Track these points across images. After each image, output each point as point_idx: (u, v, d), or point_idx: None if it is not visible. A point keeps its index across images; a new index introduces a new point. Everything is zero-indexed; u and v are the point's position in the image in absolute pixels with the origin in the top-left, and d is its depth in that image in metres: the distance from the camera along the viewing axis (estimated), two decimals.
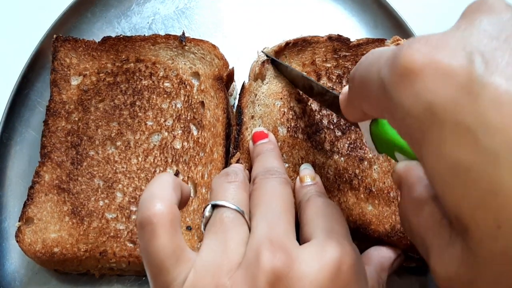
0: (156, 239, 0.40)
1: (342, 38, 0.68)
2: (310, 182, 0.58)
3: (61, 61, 0.68)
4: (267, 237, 0.42)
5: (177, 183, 0.45)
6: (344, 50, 0.68)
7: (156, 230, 0.40)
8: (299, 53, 0.68)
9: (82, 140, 0.65)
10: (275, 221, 0.44)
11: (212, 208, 0.46)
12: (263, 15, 0.78)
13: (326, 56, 0.68)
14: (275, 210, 0.46)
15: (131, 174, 0.64)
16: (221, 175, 0.51)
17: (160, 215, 0.40)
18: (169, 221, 0.40)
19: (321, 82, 0.67)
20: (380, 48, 0.38)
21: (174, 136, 0.66)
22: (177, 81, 0.68)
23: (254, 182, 0.51)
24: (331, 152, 0.64)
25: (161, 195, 0.42)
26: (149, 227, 0.40)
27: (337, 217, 0.49)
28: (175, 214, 0.41)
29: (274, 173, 0.51)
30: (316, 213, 0.49)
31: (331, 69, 0.67)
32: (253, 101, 0.67)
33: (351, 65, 0.67)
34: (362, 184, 0.63)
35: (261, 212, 0.46)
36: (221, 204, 0.46)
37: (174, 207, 0.42)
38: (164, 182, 0.43)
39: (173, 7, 0.79)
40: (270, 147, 0.60)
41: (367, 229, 0.61)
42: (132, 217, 0.62)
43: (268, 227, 0.43)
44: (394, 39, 0.68)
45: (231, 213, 0.45)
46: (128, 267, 0.62)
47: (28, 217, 0.62)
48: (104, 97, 0.67)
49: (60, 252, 0.60)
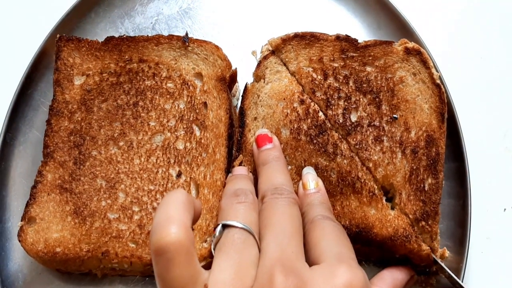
0: (174, 269, 0.40)
1: (350, 39, 0.68)
2: (313, 190, 0.59)
3: (64, 60, 0.68)
4: (278, 260, 0.43)
5: (190, 201, 0.44)
6: (352, 51, 0.68)
7: (174, 260, 0.40)
8: (306, 47, 0.68)
9: (85, 140, 0.65)
10: (285, 243, 0.45)
11: (222, 228, 0.47)
12: (267, 15, 0.78)
13: (334, 56, 0.68)
14: (285, 232, 0.46)
15: (134, 174, 0.64)
16: (230, 195, 0.52)
17: (177, 244, 0.40)
18: (186, 248, 0.41)
19: (327, 81, 0.67)
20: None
21: (177, 137, 0.66)
22: (180, 82, 0.68)
23: (263, 201, 0.51)
24: (334, 154, 0.64)
25: (176, 217, 0.41)
26: (166, 255, 0.40)
27: (344, 240, 0.50)
28: (191, 239, 0.41)
29: (283, 192, 0.52)
30: (322, 235, 0.49)
31: (338, 69, 0.67)
32: (256, 102, 0.67)
33: (358, 66, 0.67)
34: (365, 188, 0.63)
35: (272, 234, 0.46)
36: (232, 224, 0.46)
37: (189, 232, 0.42)
38: (178, 201, 0.43)
39: (177, 7, 0.79)
40: (276, 154, 0.60)
41: (370, 233, 0.61)
42: (134, 218, 0.62)
43: (279, 249, 0.44)
44: (402, 42, 0.68)
45: (242, 234, 0.46)
46: (130, 268, 0.62)
47: (30, 216, 0.62)
48: (107, 97, 0.67)
49: (62, 252, 0.60)
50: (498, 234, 0.70)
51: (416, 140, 0.64)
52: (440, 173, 0.63)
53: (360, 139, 0.64)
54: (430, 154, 0.64)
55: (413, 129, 0.65)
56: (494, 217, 0.71)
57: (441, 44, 0.77)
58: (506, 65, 0.79)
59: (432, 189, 0.63)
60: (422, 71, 0.67)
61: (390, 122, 0.65)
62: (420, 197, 0.62)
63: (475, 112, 0.75)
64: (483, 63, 0.79)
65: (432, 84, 0.66)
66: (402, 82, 0.66)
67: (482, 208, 0.71)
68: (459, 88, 0.73)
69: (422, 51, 0.67)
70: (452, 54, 0.78)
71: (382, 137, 0.64)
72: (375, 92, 0.66)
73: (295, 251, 0.45)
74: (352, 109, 0.65)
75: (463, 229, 0.65)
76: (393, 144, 0.64)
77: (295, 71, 0.68)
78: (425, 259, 0.62)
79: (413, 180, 0.63)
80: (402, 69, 0.67)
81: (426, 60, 0.67)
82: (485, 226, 0.70)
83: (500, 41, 0.80)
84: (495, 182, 0.73)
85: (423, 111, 0.65)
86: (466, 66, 0.78)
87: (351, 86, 0.66)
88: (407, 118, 0.65)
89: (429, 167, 0.63)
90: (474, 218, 0.66)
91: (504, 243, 0.70)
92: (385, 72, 0.67)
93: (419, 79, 0.67)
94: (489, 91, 0.77)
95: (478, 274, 0.68)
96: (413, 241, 0.61)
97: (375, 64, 0.67)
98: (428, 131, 0.64)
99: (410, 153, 0.64)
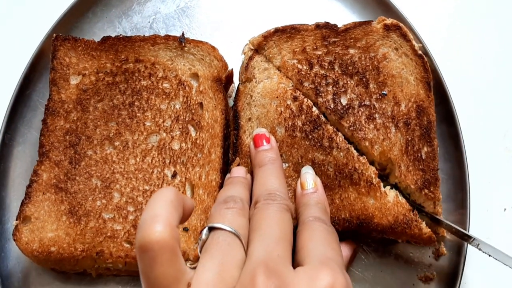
0: (157, 266, 0.40)
1: (329, 25, 0.69)
2: (311, 190, 0.59)
3: (60, 60, 0.69)
4: (263, 262, 0.43)
5: (179, 199, 0.44)
6: (333, 36, 0.69)
7: (158, 258, 0.40)
8: (288, 40, 0.69)
9: (80, 139, 0.65)
10: (272, 247, 0.45)
11: (208, 230, 0.47)
12: (266, 14, 0.78)
13: (316, 44, 0.68)
14: (273, 236, 0.46)
15: (129, 174, 0.64)
16: (220, 202, 0.52)
17: (161, 242, 0.40)
18: (170, 247, 0.41)
19: (313, 70, 0.67)
20: None
21: (172, 137, 0.65)
22: (176, 82, 0.68)
23: (255, 206, 0.52)
24: (330, 148, 0.64)
25: (162, 216, 0.41)
26: (150, 253, 0.40)
27: (332, 243, 0.50)
28: (176, 238, 0.42)
29: (275, 198, 0.52)
30: (310, 238, 0.50)
31: (322, 57, 0.68)
32: (249, 103, 0.67)
33: (341, 50, 0.68)
34: (362, 178, 0.63)
35: (259, 237, 0.46)
36: (218, 226, 0.47)
37: (174, 230, 0.42)
38: (165, 200, 0.43)
39: (174, 6, 0.79)
40: (272, 156, 0.59)
41: (371, 223, 0.61)
42: (129, 218, 0.62)
43: (265, 252, 0.44)
44: (380, 20, 0.69)
45: (227, 236, 0.46)
46: (124, 268, 0.62)
47: (25, 216, 0.62)
48: (103, 97, 0.67)
49: (56, 251, 0.60)
50: (498, 234, 0.70)
51: (407, 112, 0.65)
52: (434, 140, 0.65)
53: (353, 120, 0.65)
54: (422, 123, 0.65)
55: (403, 102, 0.66)
56: (494, 217, 0.71)
57: (441, 44, 0.77)
58: (506, 65, 0.78)
59: (429, 156, 0.64)
60: (403, 45, 0.68)
61: (380, 99, 0.66)
62: (419, 166, 0.63)
63: (475, 112, 0.75)
64: (483, 63, 0.78)
65: (414, 55, 0.67)
66: (386, 59, 0.67)
67: (482, 208, 0.70)
68: (459, 88, 0.73)
69: (401, 25, 0.68)
70: (451, 54, 0.78)
71: (374, 114, 0.65)
72: (361, 73, 0.67)
73: (281, 255, 0.44)
74: (341, 93, 0.66)
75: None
76: (386, 120, 0.65)
77: (281, 66, 0.68)
78: (427, 241, 0.62)
79: (410, 151, 0.64)
80: (384, 46, 0.68)
81: (405, 34, 0.68)
82: (485, 226, 0.70)
83: (500, 41, 0.79)
84: (495, 182, 0.72)
85: (410, 83, 0.66)
86: (466, 66, 0.78)
87: (337, 71, 0.67)
88: (396, 93, 0.66)
89: (423, 136, 0.64)
90: (474, 218, 0.66)
91: (504, 243, 0.69)
92: (368, 52, 0.68)
93: (401, 53, 0.68)
94: (489, 91, 0.77)
95: (478, 274, 0.68)
96: (414, 226, 0.61)
97: (357, 46, 0.68)
98: (417, 102, 0.66)
99: (403, 125, 0.65)
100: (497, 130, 0.75)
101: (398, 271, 0.66)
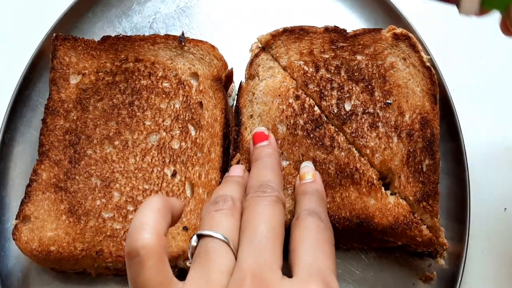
0: (144, 272, 0.41)
1: (339, 29, 0.69)
2: (310, 179, 0.59)
3: (60, 59, 0.69)
4: (250, 270, 0.43)
5: (166, 206, 0.45)
6: (341, 41, 0.68)
7: (144, 263, 0.41)
8: (296, 41, 0.69)
9: (80, 139, 0.65)
10: (259, 250, 0.45)
11: (198, 238, 0.47)
12: (266, 14, 0.78)
13: (324, 47, 0.68)
14: (262, 236, 0.46)
15: (129, 173, 0.64)
16: (210, 203, 0.52)
17: (148, 248, 0.41)
18: (157, 253, 0.41)
19: (319, 73, 0.67)
20: None
21: (172, 136, 0.66)
22: (176, 81, 0.68)
23: (246, 199, 0.51)
24: (331, 147, 0.64)
25: (150, 224, 0.43)
26: (137, 259, 0.41)
27: (324, 246, 0.49)
28: (163, 246, 0.42)
29: (266, 189, 0.51)
30: (301, 240, 0.49)
31: (329, 60, 0.68)
32: (251, 100, 0.67)
33: (348, 56, 0.68)
34: (363, 178, 0.63)
35: (247, 239, 0.46)
36: (206, 233, 0.46)
37: (161, 238, 0.42)
38: (153, 209, 0.44)
39: (174, 6, 0.80)
40: (269, 151, 0.59)
41: (371, 223, 0.61)
42: (129, 217, 0.62)
43: (252, 257, 0.44)
44: (390, 28, 0.69)
45: (215, 243, 0.46)
46: (124, 267, 0.61)
47: (25, 215, 0.62)
48: (103, 97, 0.67)
49: (56, 250, 0.60)
50: (498, 234, 0.69)
51: (411, 123, 0.65)
52: (437, 153, 0.64)
53: (355, 127, 0.65)
54: (426, 135, 0.64)
55: (407, 113, 0.65)
56: (494, 217, 0.70)
57: (441, 44, 0.77)
58: (506, 64, 0.78)
59: (430, 169, 0.63)
60: (411, 55, 0.67)
61: (384, 107, 0.65)
62: (419, 178, 0.63)
63: (475, 112, 0.75)
64: (483, 63, 0.78)
65: (422, 67, 0.67)
66: (393, 68, 0.67)
67: (482, 208, 0.70)
68: (459, 88, 0.73)
69: (410, 36, 0.68)
70: (451, 53, 0.78)
71: (377, 123, 0.65)
72: (367, 80, 0.66)
73: (269, 259, 0.44)
74: (345, 98, 0.66)
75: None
76: (389, 129, 0.65)
77: (287, 66, 0.68)
78: (427, 244, 0.62)
79: (411, 163, 0.63)
80: (392, 54, 0.68)
81: (414, 44, 0.68)
82: (485, 226, 0.69)
83: (500, 40, 0.78)
84: (495, 182, 0.72)
85: (416, 94, 0.66)
86: (466, 66, 0.78)
87: (343, 76, 0.67)
88: (400, 103, 0.66)
89: (426, 149, 0.64)
90: (474, 218, 0.65)
91: (504, 243, 0.69)
92: (375, 59, 0.67)
93: (409, 63, 0.67)
94: (489, 90, 0.77)
95: (478, 274, 0.67)
96: (414, 228, 0.61)
97: (365, 52, 0.68)
98: (422, 114, 0.65)
99: (406, 136, 0.64)
100: (497, 130, 0.75)
101: (398, 271, 0.65)
